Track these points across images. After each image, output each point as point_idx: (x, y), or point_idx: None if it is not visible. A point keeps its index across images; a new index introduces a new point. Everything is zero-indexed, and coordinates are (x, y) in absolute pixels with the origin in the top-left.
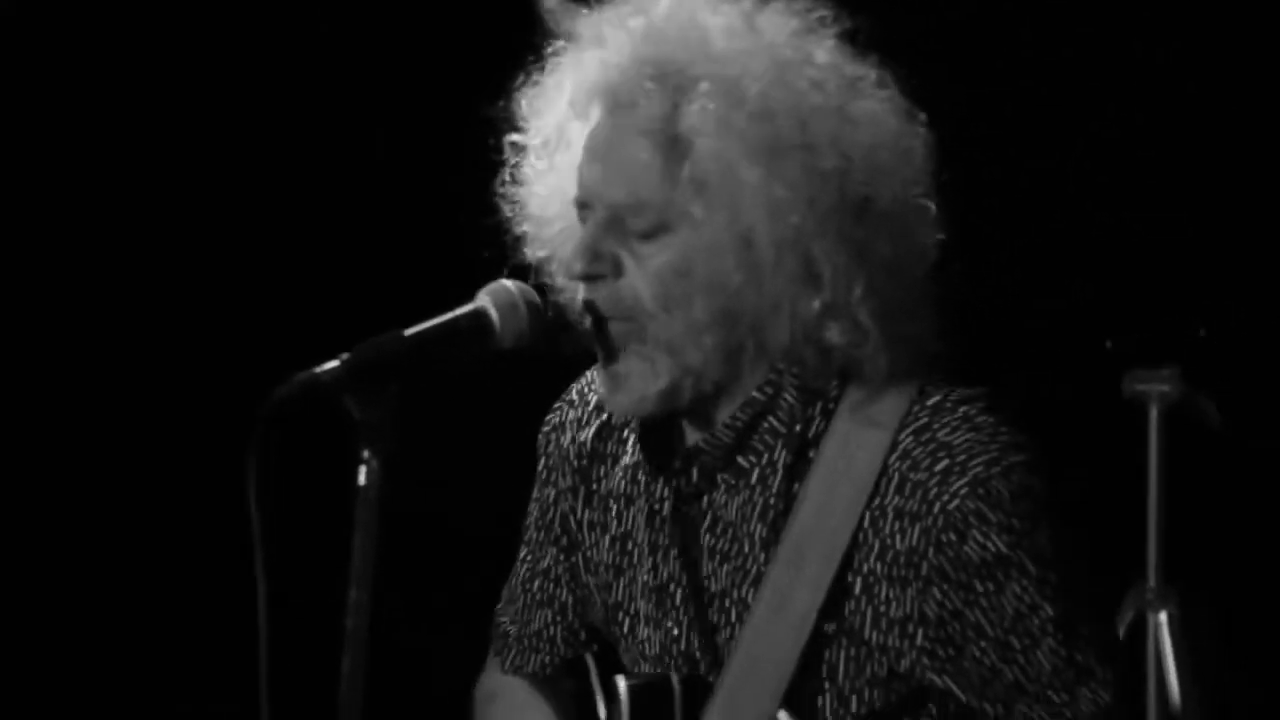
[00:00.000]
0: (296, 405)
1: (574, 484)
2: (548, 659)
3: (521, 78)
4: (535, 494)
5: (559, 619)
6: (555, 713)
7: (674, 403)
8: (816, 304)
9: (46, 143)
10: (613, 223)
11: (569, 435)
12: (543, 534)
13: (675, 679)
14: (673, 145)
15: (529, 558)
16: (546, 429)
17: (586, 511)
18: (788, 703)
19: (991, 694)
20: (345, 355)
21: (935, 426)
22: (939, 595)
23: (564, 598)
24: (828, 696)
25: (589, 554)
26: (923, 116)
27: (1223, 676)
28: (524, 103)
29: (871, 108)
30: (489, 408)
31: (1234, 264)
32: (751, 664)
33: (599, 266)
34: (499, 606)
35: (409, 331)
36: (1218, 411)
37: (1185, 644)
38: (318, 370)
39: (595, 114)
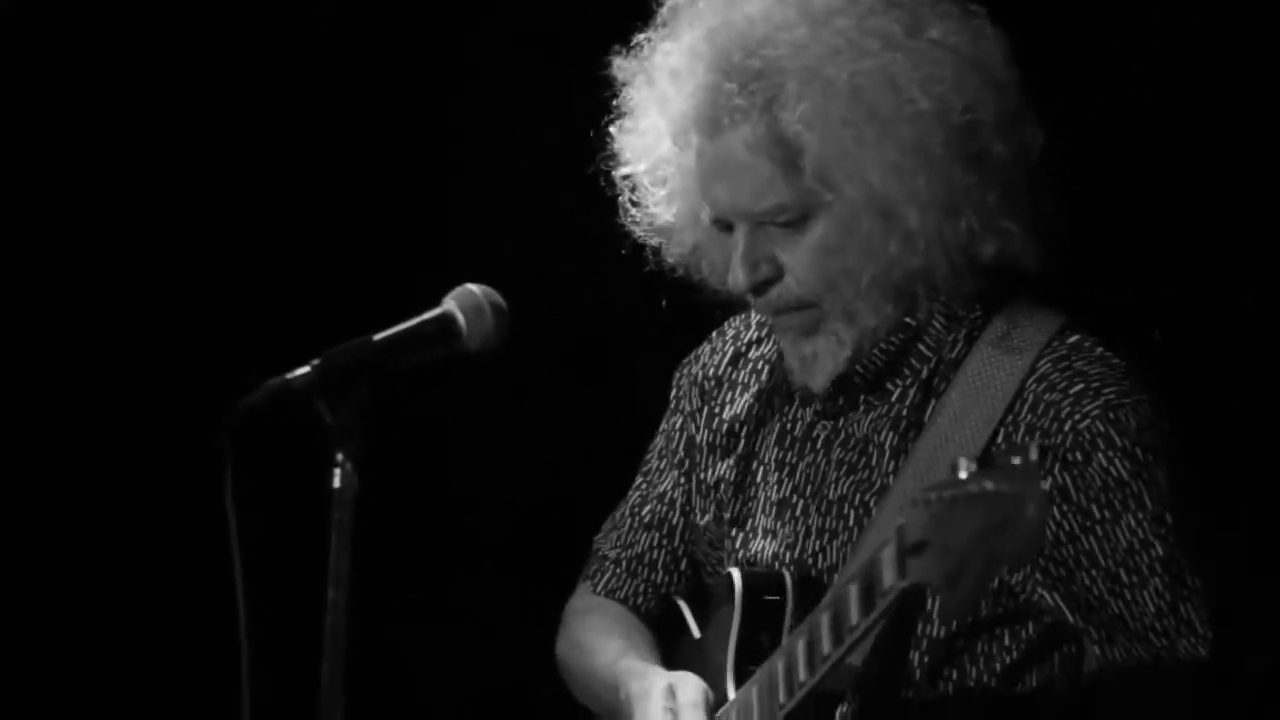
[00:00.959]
0: (267, 411)
1: (699, 406)
2: (643, 585)
3: (606, 118)
4: (662, 425)
5: (665, 542)
6: (642, 630)
7: (861, 357)
8: (964, 227)
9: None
10: (757, 231)
11: (700, 364)
12: (664, 461)
13: (788, 574)
14: (785, 150)
15: (643, 485)
16: (682, 367)
17: (707, 433)
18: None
19: (1096, 620)
20: (315, 361)
21: (1074, 357)
22: (1058, 515)
23: (675, 520)
24: (936, 602)
25: (702, 475)
26: (983, 10)
27: None
28: (622, 146)
29: (940, 35)
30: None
31: (1186, 265)
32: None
33: (761, 273)
34: (598, 536)
35: (377, 337)
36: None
37: None
38: (288, 376)
39: (695, 140)
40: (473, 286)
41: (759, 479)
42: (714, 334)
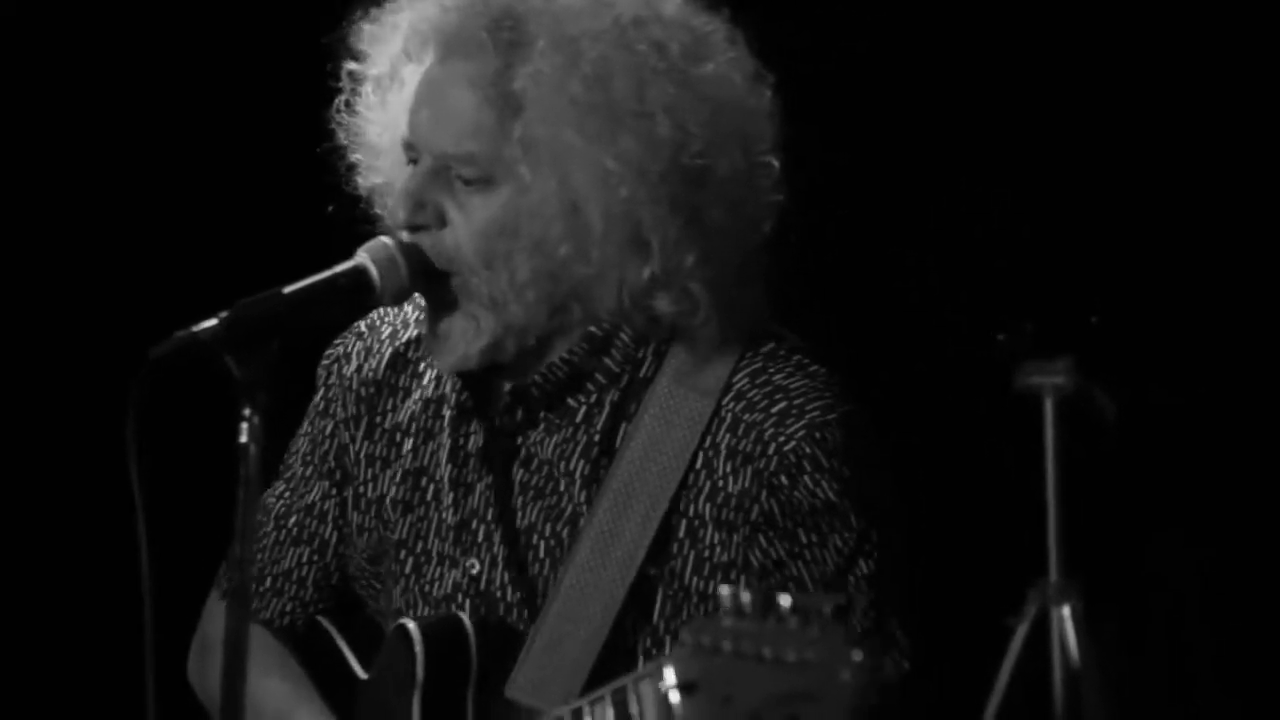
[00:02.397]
0: (175, 363)
1: (356, 414)
2: (291, 604)
3: (361, 9)
4: (304, 428)
5: (315, 558)
6: (297, 666)
7: (497, 357)
8: (646, 273)
9: None
10: (439, 172)
11: (353, 365)
12: (310, 469)
13: (466, 619)
14: (505, 102)
15: (286, 493)
16: (327, 361)
17: (366, 444)
18: (610, 641)
19: None
20: (223, 313)
21: (770, 370)
22: (764, 543)
23: (327, 535)
24: (641, 635)
25: (361, 489)
26: (770, 78)
27: (1125, 670)
28: (363, 34)
29: (716, 71)
30: None
31: (1124, 248)
32: (575, 603)
33: (422, 216)
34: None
35: (288, 289)
36: (1112, 403)
37: (1088, 638)
38: (196, 329)
39: (428, 58)
40: (386, 239)
41: (430, 497)
42: (364, 328)
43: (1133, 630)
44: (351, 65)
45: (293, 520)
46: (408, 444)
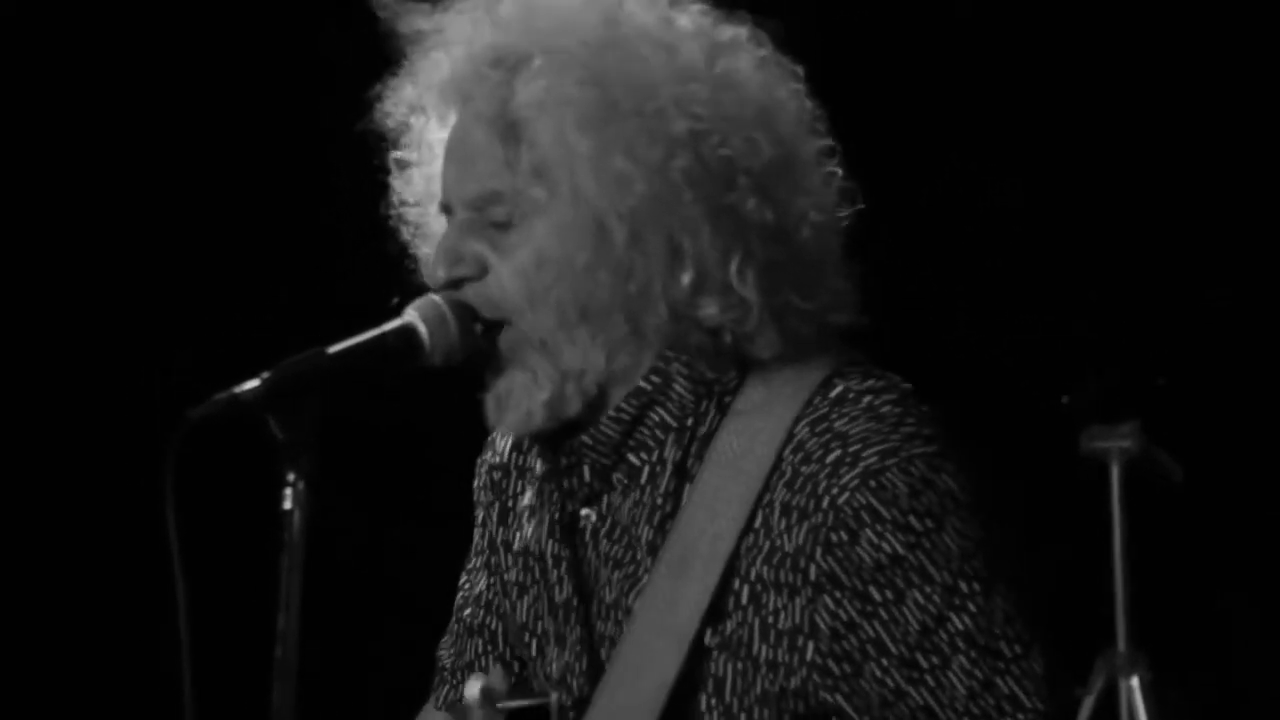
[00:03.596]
0: (215, 426)
1: (491, 500)
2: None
3: (378, 88)
4: (476, 519)
5: (490, 648)
6: None
7: (563, 411)
8: (686, 279)
9: None
10: (472, 222)
11: (490, 452)
12: (479, 559)
13: (553, 702)
14: (510, 129)
15: (465, 584)
16: (484, 452)
17: (502, 530)
18: (668, 718)
19: (894, 717)
20: (266, 374)
21: (834, 416)
22: (831, 604)
23: (493, 625)
24: (714, 714)
25: (507, 576)
26: (799, 71)
27: None
28: (388, 114)
29: (737, 66)
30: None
31: (1190, 310)
32: (630, 678)
33: (461, 269)
34: (442, 639)
35: (333, 349)
36: (1179, 466)
37: (1157, 709)
38: (237, 390)
39: (451, 116)
40: (437, 297)
41: (539, 575)
42: None
43: (1202, 699)
44: (396, 153)
45: (467, 612)
46: (521, 524)
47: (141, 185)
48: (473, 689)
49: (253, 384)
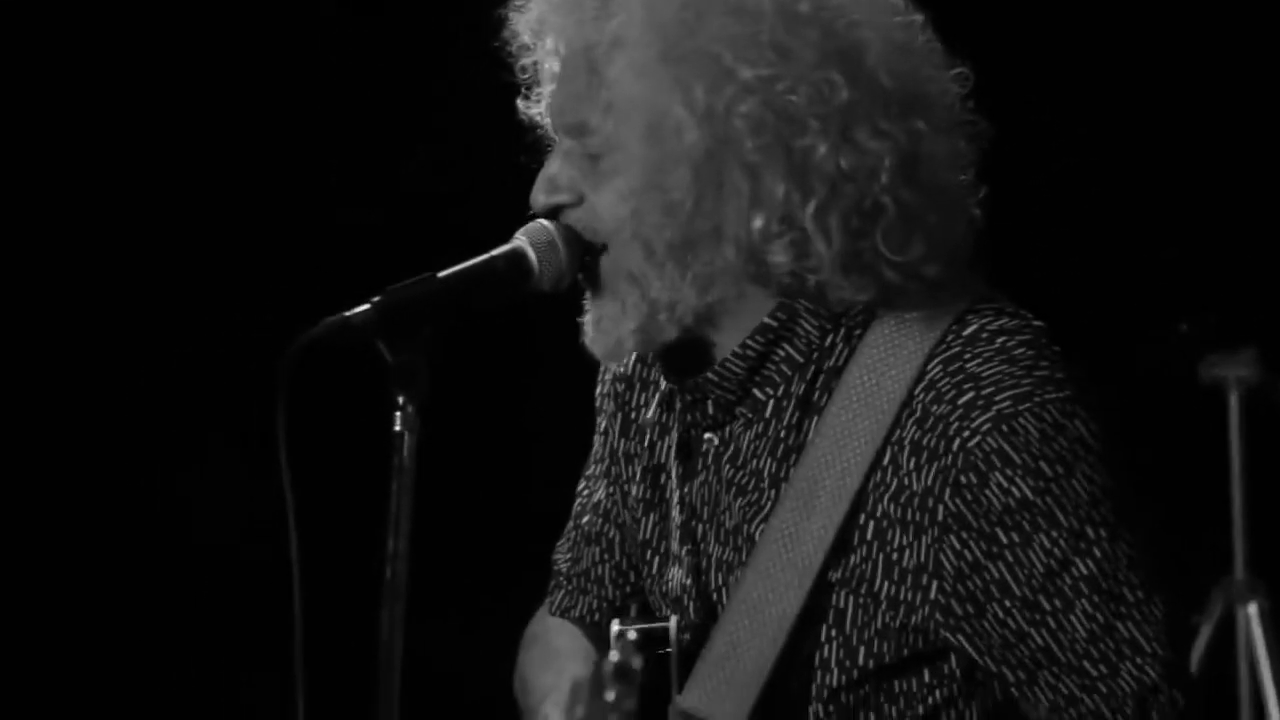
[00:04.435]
0: (325, 348)
1: (613, 410)
2: (595, 601)
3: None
4: (597, 426)
5: (606, 556)
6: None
7: (656, 340)
8: (757, 223)
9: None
10: (570, 151)
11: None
12: (598, 467)
13: (672, 626)
14: (592, 64)
15: (584, 491)
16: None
17: (624, 441)
18: (789, 650)
19: (1014, 658)
20: (376, 298)
21: (967, 356)
22: (957, 544)
23: (611, 534)
24: (833, 646)
25: (626, 487)
26: (917, 15)
27: None
28: (510, 41)
29: (812, 5)
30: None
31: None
32: (752, 609)
33: (558, 196)
34: (558, 543)
35: (443, 274)
36: None
37: (1276, 636)
38: (348, 313)
39: (560, 44)
40: (545, 222)
41: (667, 495)
42: None
43: None
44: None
45: (585, 519)
46: (648, 438)
47: (182, 157)
48: (609, 663)
49: (363, 308)
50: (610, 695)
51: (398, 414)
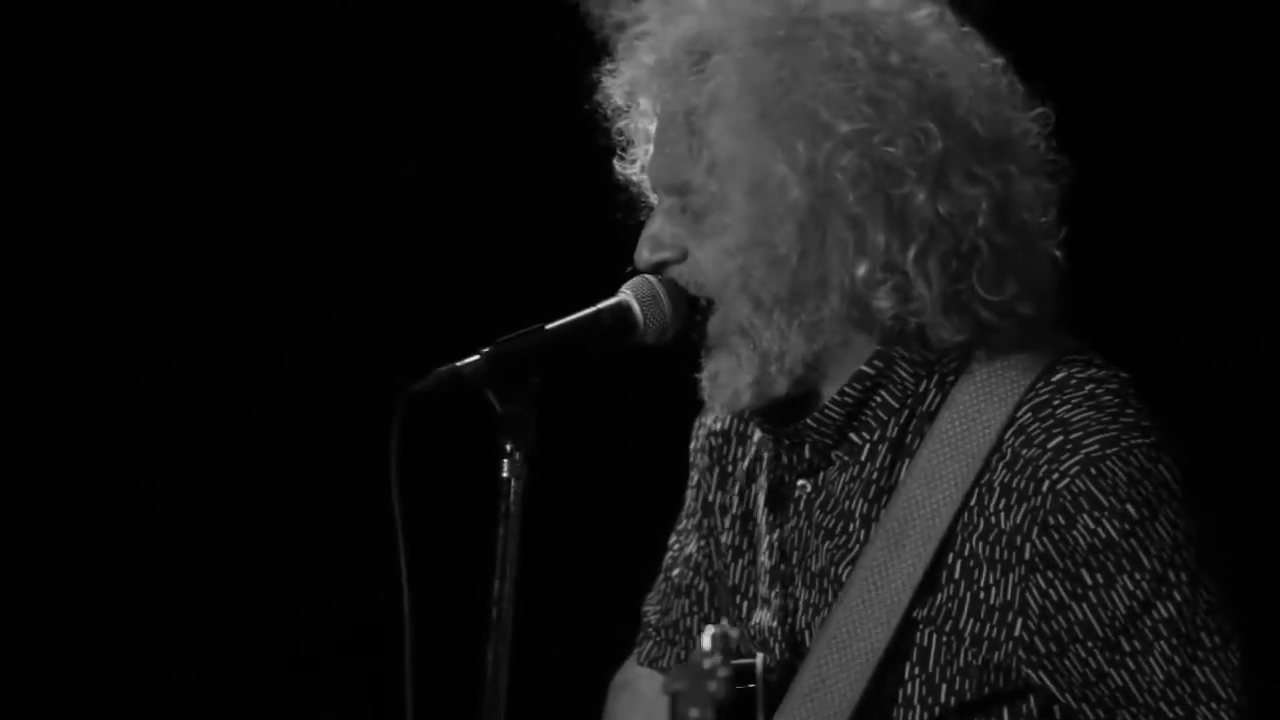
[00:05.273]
0: (437, 398)
1: (708, 465)
2: (683, 653)
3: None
4: (689, 481)
5: (695, 609)
6: None
7: (770, 392)
8: (861, 270)
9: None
10: (672, 209)
11: (710, 415)
12: (690, 521)
13: (759, 663)
14: (691, 124)
15: (676, 544)
16: (699, 419)
17: (719, 494)
18: (873, 687)
19: (1094, 697)
20: (485, 349)
21: (1056, 403)
22: (1043, 584)
23: (701, 587)
24: (916, 683)
25: (720, 538)
26: (999, 59)
27: None
28: (604, 104)
29: (915, 54)
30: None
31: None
32: (840, 645)
33: (661, 254)
34: (648, 595)
35: (550, 326)
36: None
37: None
38: (459, 364)
39: (655, 104)
40: (649, 276)
41: (755, 540)
42: None
43: None
44: (611, 113)
45: (676, 572)
46: (738, 488)
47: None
48: (708, 634)
49: (473, 359)
50: (707, 663)
51: (505, 461)
